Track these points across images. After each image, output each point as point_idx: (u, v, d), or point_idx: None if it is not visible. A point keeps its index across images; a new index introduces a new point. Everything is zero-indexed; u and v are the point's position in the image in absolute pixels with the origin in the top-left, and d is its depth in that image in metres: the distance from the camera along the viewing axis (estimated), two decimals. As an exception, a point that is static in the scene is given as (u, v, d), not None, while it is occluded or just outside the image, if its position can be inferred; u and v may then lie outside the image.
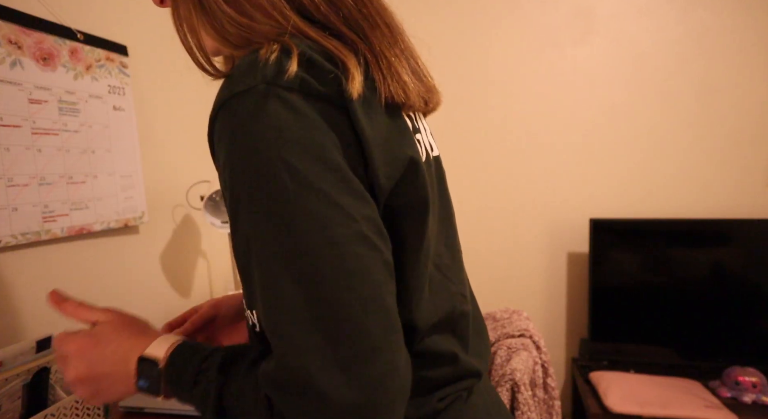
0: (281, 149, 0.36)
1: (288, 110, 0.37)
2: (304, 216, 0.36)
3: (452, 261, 0.52)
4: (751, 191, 1.78)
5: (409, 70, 0.49)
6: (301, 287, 0.36)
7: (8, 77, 0.92)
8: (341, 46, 0.43)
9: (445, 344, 0.48)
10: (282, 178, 0.36)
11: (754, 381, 1.47)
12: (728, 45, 1.76)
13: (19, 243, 0.94)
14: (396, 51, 0.48)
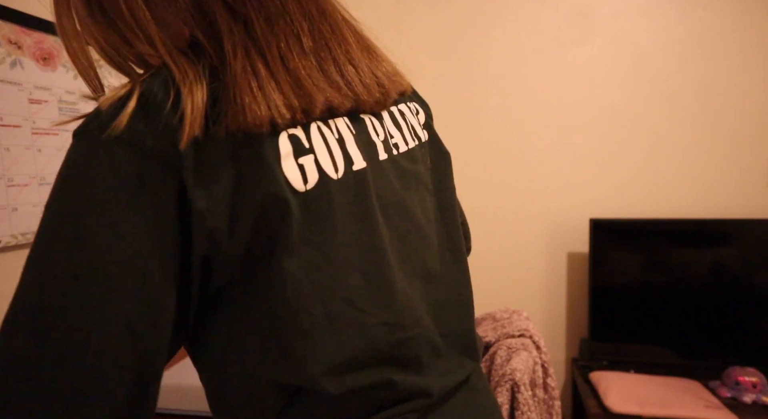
0: (82, 209, 0.35)
1: (108, 168, 0.35)
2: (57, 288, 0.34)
3: (371, 290, 0.44)
4: (751, 191, 1.78)
5: (307, 71, 0.42)
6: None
7: (8, 77, 0.92)
8: (185, 63, 0.39)
9: (371, 377, 0.44)
10: (65, 232, 0.35)
11: (754, 381, 1.47)
12: (728, 45, 1.76)
13: (19, 243, 0.94)
14: (280, 47, 0.41)
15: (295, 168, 0.40)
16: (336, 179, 0.42)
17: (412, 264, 0.49)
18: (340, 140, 0.44)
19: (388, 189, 0.48)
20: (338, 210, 0.42)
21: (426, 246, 0.52)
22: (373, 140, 0.48)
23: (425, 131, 0.58)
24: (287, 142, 0.40)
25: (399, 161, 0.50)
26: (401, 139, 0.52)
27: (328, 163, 0.42)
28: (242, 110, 0.37)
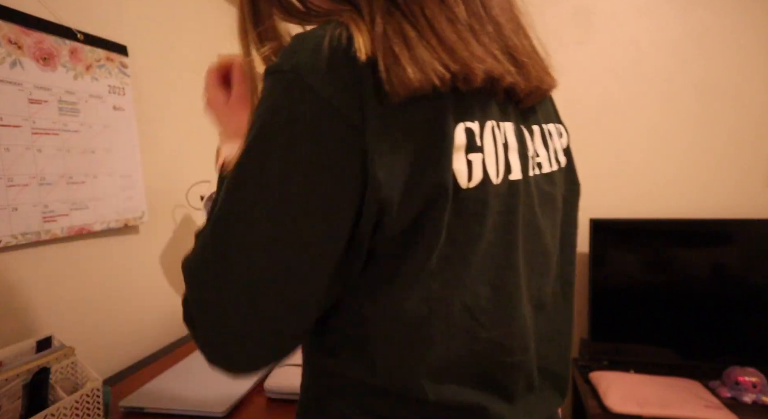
0: (279, 139, 0.36)
1: (300, 106, 0.35)
2: (259, 207, 0.37)
3: (494, 304, 0.43)
4: (751, 191, 1.78)
5: (461, 36, 0.38)
6: (239, 221, 0.38)
7: (8, 77, 0.92)
8: (351, 14, 0.38)
9: (466, 396, 0.43)
10: (267, 160, 0.37)
11: (754, 381, 1.47)
12: (728, 45, 1.76)
13: (19, 243, 0.93)
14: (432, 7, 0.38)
15: (463, 162, 0.38)
16: (495, 184, 0.41)
17: (531, 290, 0.47)
18: (505, 146, 0.42)
19: (529, 207, 0.45)
20: (489, 216, 0.40)
21: (546, 275, 0.50)
22: (527, 154, 0.45)
23: (565, 156, 0.55)
24: (463, 134, 0.39)
25: (541, 182, 0.48)
26: (546, 159, 0.49)
27: (493, 166, 0.40)
28: (399, 74, 0.35)
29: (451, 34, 0.38)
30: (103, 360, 1.15)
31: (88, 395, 0.81)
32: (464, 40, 0.38)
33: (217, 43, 1.63)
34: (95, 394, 0.82)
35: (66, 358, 0.87)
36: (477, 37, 0.40)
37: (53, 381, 0.81)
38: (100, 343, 1.14)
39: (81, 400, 0.80)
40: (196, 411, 0.90)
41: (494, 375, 0.44)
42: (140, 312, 1.28)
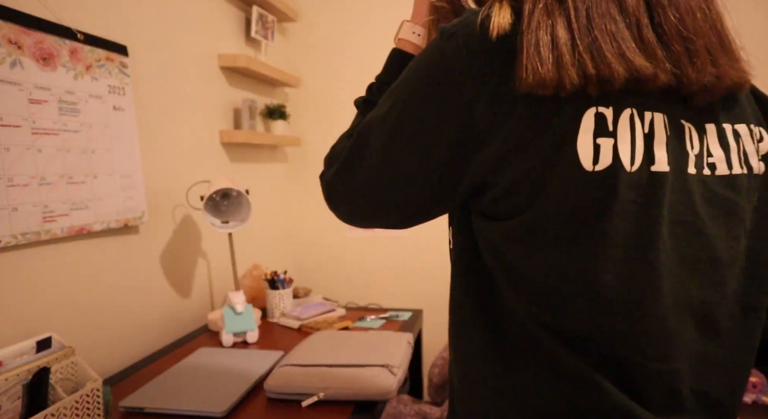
0: (424, 76, 0.45)
1: (454, 55, 0.42)
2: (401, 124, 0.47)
3: (620, 296, 0.42)
4: (751, 191, 1.78)
5: (611, 29, 0.39)
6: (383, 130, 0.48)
7: (8, 77, 0.92)
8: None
9: (592, 373, 0.43)
10: (413, 90, 0.46)
11: (754, 381, 1.47)
12: (728, 45, 1.76)
13: (19, 243, 0.94)
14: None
15: (590, 146, 0.39)
16: (629, 171, 0.40)
17: (691, 301, 0.44)
18: (649, 136, 0.41)
19: (684, 206, 0.43)
20: (620, 202, 0.40)
21: (718, 289, 0.45)
22: (686, 150, 0.43)
23: (762, 163, 0.49)
24: (591, 119, 0.40)
25: (711, 183, 0.44)
26: (724, 160, 0.45)
27: (627, 152, 0.40)
28: (529, 68, 0.38)
29: (606, 31, 0.39)
30: (103, 360, 1.15)
31: (88, 395, 0.81)
32: (619, 36, 0.39)
33: (217, 43, 1.64)
34: (95, 394, 0.82)
35: (66, 358, 0.87)
36: (640, 33, 0.40)
37: (53, 381, 0.81)
38: (100, 343, 1.14)
39: (81, 400, 0.80)
40: (196, 411, 0.90)
41: (623, 371, 0.43)
42: (140, 312, 1.28)
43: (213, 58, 1.62)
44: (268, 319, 1.50)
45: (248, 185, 1.85)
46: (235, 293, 1.33)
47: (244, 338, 1.29)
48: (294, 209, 2.24)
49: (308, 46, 2.16)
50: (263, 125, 1.97)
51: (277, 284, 1.49)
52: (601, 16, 0.39)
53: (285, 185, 2.21)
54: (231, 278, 1.69)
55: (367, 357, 1.04)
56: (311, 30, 2.15)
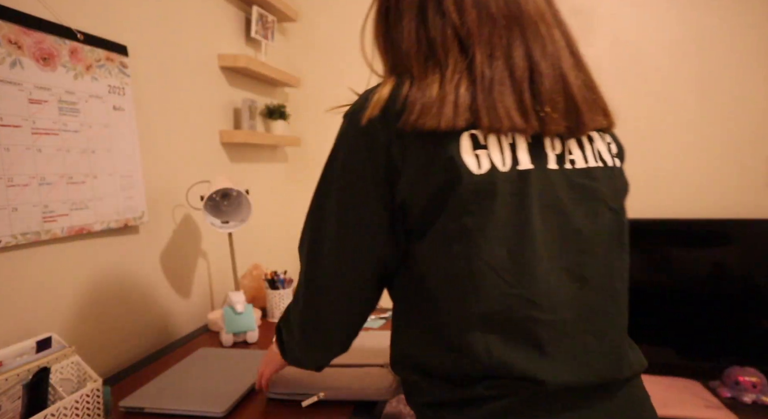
0: (332, 162, 0.60)
1: (351, 136, 0.58)
2: (320, 203, 0.63)
3: (514, 265, 0.54)
4: (751, 191, 1.78)
5: (477, 87, 0.54)
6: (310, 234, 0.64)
7: (8, 77, 0.92)
8: (399, 76, 0.58)
9: (496, 345, 0.54)
10: (327, 174, 0.61)
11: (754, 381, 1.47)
12: (728, 45, 1.76)
13: (19, 243, 0.94)
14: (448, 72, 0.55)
15: (472, 157, 0.53)
16: (503, 171, 0.54)
17: (565, 263, 0.56)
18: (513, 145, 0.55)
19: (549, 192, 0.56)
20: (499, 194, 0.53)
21: (585, 253, 0.57)
22: (545, 152, 0.57)
23: (616, 160, 0.64)
24: (468, 139, 0.54)
25: (570, 173, 0.58)
26: (580, 156, 0.59)
27: (498, 157, 0.54)
28: (434, 117, 0.52)
29: (499, 96, 0.54)
30: (103, 360, 1.15)
31: (88, 395, 0.81)
32: (506, 101, 0.54)
33: (217, 43, 1.64)
34: (95, 394, 0.82)
35: (66, 358, 0.87)
36: (522, 98, 0.54)
37: (53, 381, 0.81)
38: (100, 343, 1.14)
39: (81, 400, 0.80)
40: (196, 411, 0.90)
41: (528, 329, 0.54)
42: (140, 312, 1.28)
43: (213, 58, 1.62)
44: (268, 319, 1.50)
45: (248, 185, 1.85)
46: (235, 293, 1.33)
47: (244, 338, 1.29)
48: (294, 209, 2.24)
49: (308, 46, 2.16)
50: (263, 125, 1.97)
51: (277, 284, 1.49)
52: (498, 83, 0.54)
53: (285, 185, 2.20)
54: (231, 278, 1.69)
55: (367, 357, 1.04)
56: (311, 30, 2.15)
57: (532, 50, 0.56)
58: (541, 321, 0.54)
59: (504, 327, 0.54)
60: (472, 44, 0.55)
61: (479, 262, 0.53)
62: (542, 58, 0.56)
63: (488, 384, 0.54)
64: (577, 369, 0.55)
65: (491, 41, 0.55)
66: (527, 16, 0.57)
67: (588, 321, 0.57)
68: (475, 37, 0.55)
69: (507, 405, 0.53)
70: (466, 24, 0.55)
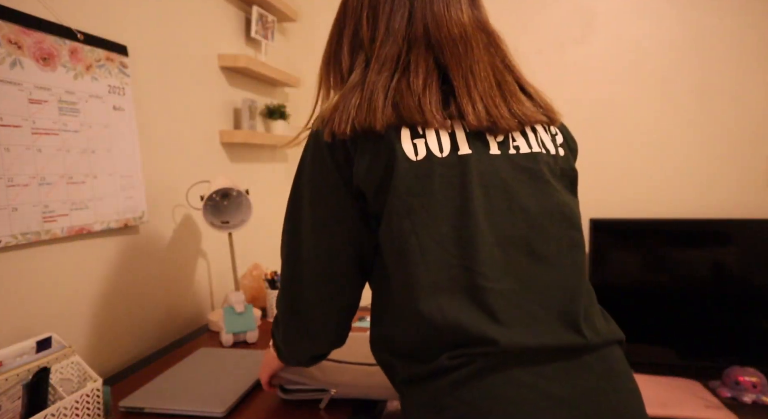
0: (300, 169, 0.69)
1: (313, 148, 0.67)
2: (295, 206, 0.69)
3: (457, 239, 0.60)
4: (751, 191, 1.78)
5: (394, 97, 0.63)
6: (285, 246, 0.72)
7: (8, 77, 0.92)
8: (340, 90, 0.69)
9: (449, 308, 0.59)
10: (297, 179, 0.69)
11: (754, 381, 1.47)
12: (728, 45, 1.76)
13: (19, 243, 0.94)
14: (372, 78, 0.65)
15: (410, 145, 0.61)
16: (440, 157, 0.61)
17: (509, 237, 0.62)
18: (452, 134, 0.63)
19: (491, 174, 0.62)
20: (437, 176, 0.60)
21: (533, 228, 0.63)
22: (486, 139, 0.64)
23: (560, 148, 0.71)
24: (407, 130, 0.62)
25: (515, 157, 0.64)
26: (524, 143, 0.66)
27: (435, 145, 0.62)
28: (356, 121, 0.62)
29: (410, 94, 0.63)
30: (103, 360, 1.15)
31: (88, 395, 0.81)
32: (412, 102, 0.62)
33: (217, 43, 1.64)
34: (95, 394, 0.82)
35: (66, 358, 0.87)
36: (430, 94, 0.63)
37: (53, 381, 0.81)
38: (100, 343, 1.14)
39: (81, 400, 0.80)
40: (196, 411, 0.90)
41: (475, 296, 0.59)
42: (140, 312, 1.28)
43: (213, 58, 1.62)
44: (268, 319, 1.50)
45: (248, 185, 1.85)
46: (235, 293, 1.33)
47: (244, 338, 1.29)
48: (294, 209, 2.24)
49: (308, 46, 2.16)
50: (263, 125, 1.97)
51: (277, 284, 1.49)
52: (406, 89, 0.63)
53: (285, 185, 2.20)
54: (231, 278, 1.69)
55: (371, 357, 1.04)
56: (311, 30, 2.15)
57: (447, 65, 0.65)
58: (488, 289, 0.59)
59: (453, 292, 0.59)
60: (381, 64, 0.66)
61: (426, 237, 0.60)
62: (456, 70, 0.64)
63: (450, 354, 0.58)
64: (528, 333, 0.58)
65: (399, 61, 0.65)
66: (444, 37, 0.65)
67: (535, 291, 0.61)
68: (385, 59, 0.66)
69: (471, 370, 0.57)
70: (377, 50, 0.67)
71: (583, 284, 0.65)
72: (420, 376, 0.62)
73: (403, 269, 0.62)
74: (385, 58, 0.66)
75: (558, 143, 0.71)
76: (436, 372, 0.60)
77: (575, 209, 0.69)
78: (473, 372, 0.57)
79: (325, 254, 0.67)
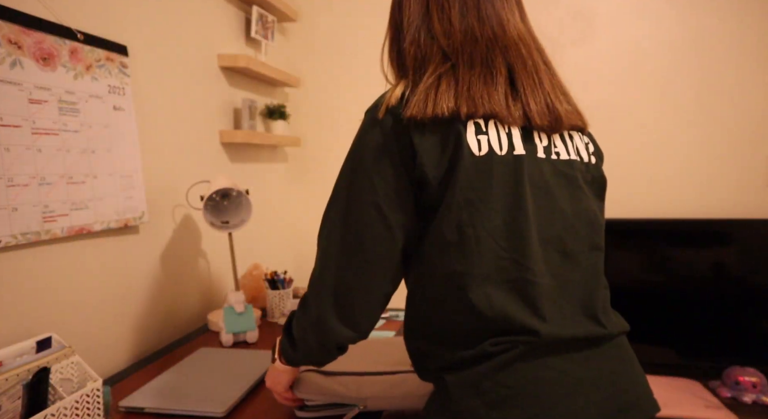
0: (357, 150, 0.69)
1: (373, 130, 0.68)
2: (350, 184, 0.69)
3: (509, 233, 0.64)
4: (751, 191, 1.78)
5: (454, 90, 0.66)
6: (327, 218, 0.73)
7: (8, 77, 0.92)
8: (408, 78, 0.71)
9: (496, 298, 0.62)
10: (352, 161, 0.70)
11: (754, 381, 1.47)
12: (728, 45, 1.76)
13: (19, 243, 0.94)
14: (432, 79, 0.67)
15: (474, 141, 0.64)
16: (500, 154, 0.64)
17: (549, 236, 0.66)
18: (509, 134, 0.66)
19: (537, 176, 0.66)
20: (496, 173, 0.64)
21: (567, 229, 0.67)
22: (535, 142, 0.68)
23: (592, 156, 0.75)
24: (472, 125, 0.65)
25: (556, 162, 0.69)
26: (564, 149, 0.70)
27: (496, 143, 0.65)
28: (426, 107, 0.64)
29: (478, 91, 0.66)
30: (103, 360, 1.15)
31: (88, 395, 0.81)
32: (485, 94, 0.66)
33: (217, 43, 1.64)
34: (95, 394, 0.82)
35: (66, 358, 0.87)
36: (506, 94, 0.67)
37: (53, 381, 0.81)
38: (100, 343, 1.14)
39: (81, 400, 0.80)
40: (196, 411, 0.90)
41: (521, 288, 0.63)
42: (140, 312, 1.28)
43: (213, 58, 1.62)
44: (268, 319, 1.50)
45: (248, 185, 1.85)
46: (235, 293, 1.33)
47: (244, 338, 1.29)
48: (294, 209, 2.24)
49: (308, 46, 2.16)
50: (263, 125, 1.97)
51: (277, 284, 1.49)
52: (477, 86, 0.66)
53: (285, 185, 2.20)
54: (231, 278, 1.69)
55: (399, 364, 0.94)
56: (311, 30, 2.15)
57: (513, 64, 0.68)
58: (532, 282, 0.63)
59: (501, 284, 0.63)
60: (455, 58, 0.68)
61: (481, 229, 0.63)
62: (522, 69, 0.69)
63: (493, 341, 0.62)
64: (562, 325, 0.64)
65: (473, 57, 0.68)
66: (509, 38, 0.69)
67: (564, 287, 0.66)
68: (458, 53, 0.68)
69: (511, 356, 0.62)
70: (452, 45, 0.69)
71: (600, 282, 0.71)
72: (461, 362, 0.64)
73: (454, 259, 0.64)
74: (461, 52, 0.68)
75: (591, 151, 0.75)
76: (478, 358, 0.63)
77: (600, 215, 0.74)
78: (513, 358, 0.61)
79: (378, 238, 0.67)
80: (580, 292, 0.68)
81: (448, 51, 0.69)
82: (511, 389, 0.61)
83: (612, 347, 0.68)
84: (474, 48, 0.68)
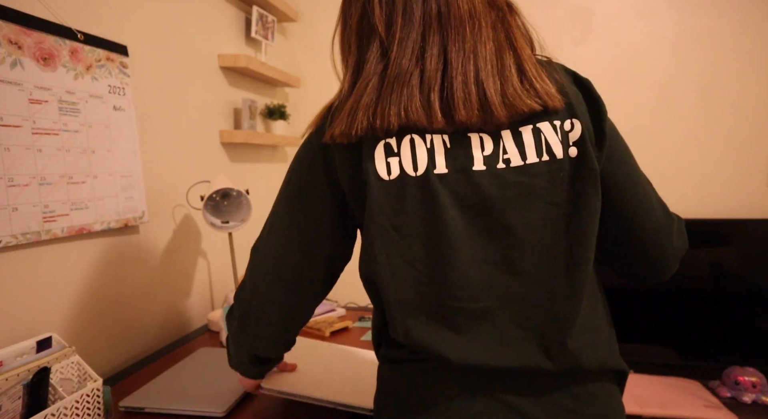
0: (292, 166, 0.70)
1: (302, 148, 0.69)
2: (280, 198, 0.71)
3: (429, 259, 0.60)
4: (751, 191, 1.78)
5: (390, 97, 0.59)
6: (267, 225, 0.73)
7: (8, 77, 0.92)
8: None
9: (415, 330, 0.61)
10: (288, 174, 0.71)
11: (754, 381, 1.47)
12: (727, 45, 1.76)
13: (19, 243, 0.94)
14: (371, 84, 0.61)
15: (383, 164, 0.60)
16: (413, 176, 0.59)
17: (491, 257, 0.60)
18: (430, 150, 0.60)
19: (471, 193, 0.59)
20: (410, 197, 0.59)
21: (516, 247, 0.59)
22: (471, 154, 0.59)
23: (575, 147, 0.60)
24: (382, 148, 0.60)
25: (503, 173, 0.59)
26: (517, 153, 0.60)
27: (409, 164, 0.59)
28: (336, 128, 0.61)
29: (393, 98, 0.59)
30: (103, 360, 1.15)
31: (88, 395, 0.81)
32: (403, 101, 0.58)
33: (217, 43, 1.64)
34: (95, 394, 0.82)
35: (66, 358, 0.87)
36: (428, 97, 0.58)
37: (53, 381, 0.81)
38: (100, 343, 1.14)
39: (81, 400, 0.80)
40: (196, 411, 0.90)
41: (443, 314, 0.60)
42: (140, 312, 1.28)
43: (213, 58, 1.62)
44: (268, 319, 1.50)
45: (248, 185, 1.85)
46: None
47: (244, 338, 1.29)
48: (294, 209, 2.23)
49: (308, 46, 2.16)
50: (263, 125, 1.97)
51: (277, 284, 1.48)
52: (404, 84, 0.59)
53: (285, 185, 2.20)
54: (231, 278, 1.69)
55: (355, 397, 0.89)
56: (311, 30, 2.15)
57: (448, 50, 0.59)
58: (456, 308, 0.60)
59: (419, 312, 0.61)
60: (390, 45, 0.60)
61: (397, 257, 0.61)
62: (459, 51, 0.58)
63: (408, 349, 0.64)
64: (493, 352, 0.59)
65: (407, 41, 0.60)
66: (456, 18, 0.59)
67: (513, 311, 0.60)
68: (395, 38, 0.60)
69: (424, 368, 0.63)
70: (390, 27, 0.61)
71: (576, 308, 0.60)
72: (388, 357, 0.69)
73: (379, 284, 0.63)
74: (399, 43, 0.59)
75: (572, 141, 0.60)
76: (400, 360, 0.67)
77: (587, 221, 0.60)
78: (429, 370, 0.63)
79: (297, 254, 0.69)
80: (531, 316, 0.60)
81: (387, 45, 0.61)
82: (393, 384, 0.66)
83: (560, 388, 0.60)
84: (418, 35, 0.59)
